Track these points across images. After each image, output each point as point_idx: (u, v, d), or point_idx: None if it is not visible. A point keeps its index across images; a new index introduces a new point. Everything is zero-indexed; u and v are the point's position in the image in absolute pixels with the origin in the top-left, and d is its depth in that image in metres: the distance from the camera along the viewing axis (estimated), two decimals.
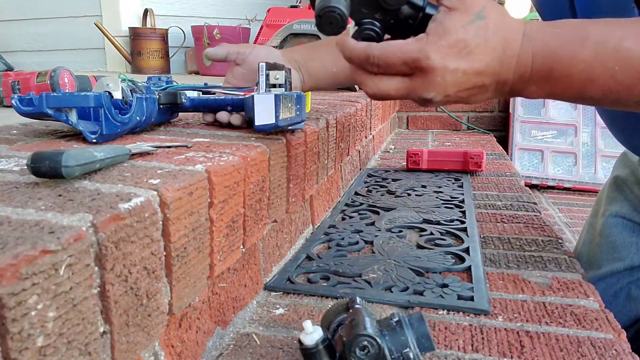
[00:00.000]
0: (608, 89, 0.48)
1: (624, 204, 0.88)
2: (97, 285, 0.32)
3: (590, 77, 0.48)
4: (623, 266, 0.83)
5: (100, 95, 0.55)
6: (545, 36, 0.49)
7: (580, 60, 0.47)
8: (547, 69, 0.49)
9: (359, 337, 0.39)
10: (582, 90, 0.49)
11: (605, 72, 0.47)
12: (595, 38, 0.47)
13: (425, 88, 0.49)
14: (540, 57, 0.49)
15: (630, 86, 0.47)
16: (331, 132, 0.93)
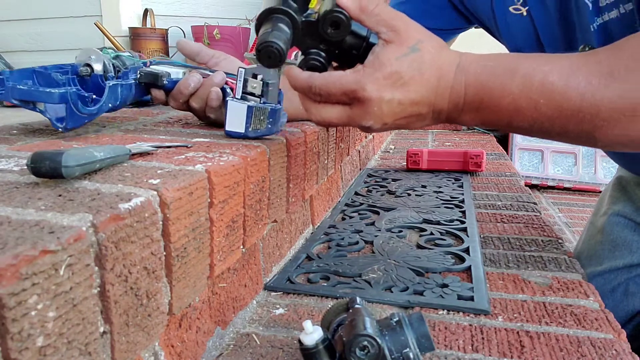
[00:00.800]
0: (533, 120, 0.50)
1: (627, 204, 0.89)
2: (97, 285, 0.32)
3: (517, 108, 0.50)
4: (622, 263, 0.85)
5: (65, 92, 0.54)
6: (477, 69, 0.51)
7: (509, 93, 0.49)
8: (478, 100, 0.51)
9: (359, 337, 0.39)
10: (510, 120, 0.51)
11: (531, 104, 0.49)
12: (523, 72, 0.49)
13: (363, 117, 0.51)
14: (472, 89, 0.51)
15: (553, 118, 0.49)
16: (331, 132, 0.93)
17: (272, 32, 0.50)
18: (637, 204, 0.87)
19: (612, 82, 0.47)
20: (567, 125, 0.49)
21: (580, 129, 0.49)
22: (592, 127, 0.48)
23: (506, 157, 1.61)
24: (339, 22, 0.51)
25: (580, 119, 0.48)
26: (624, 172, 0.93)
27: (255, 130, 0.62)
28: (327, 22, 0.51)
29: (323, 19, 0.51)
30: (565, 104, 0.48)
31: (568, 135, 0.51)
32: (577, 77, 0.48)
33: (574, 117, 0.48)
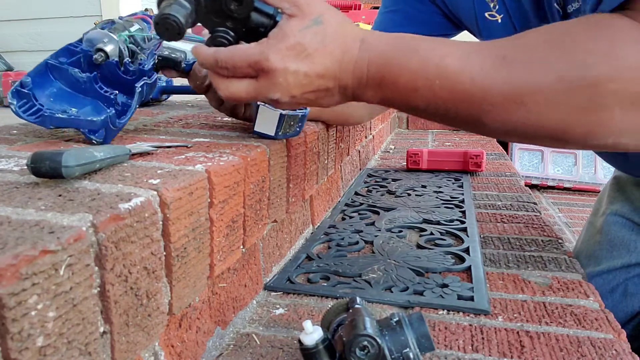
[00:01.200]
0: (428, 100, 0.51)
1: (625, 203, 0.89)
2: (97, 285, 0.32)
3: (414, 87, 0.50)
4: (621, 263, 0.85)
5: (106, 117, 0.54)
6: (380, 46, 0.51)
7: (407, 71, 0.50)
8: (380, 77, 0.51)
9: (359, 337, 0.39)
10: (408, 99, 0.52)
11: (427, 85, 0.49)
12: (422, 52, 0.50)
13: (270, 89, 0.51)
14: (375, 65, 0.51)
15: (446, 100, 0.50)
16: (331, 132, 0.93)
17: (171, 6, 0.50)
18: (635, 204, 0.87)
19: (503, 68, 0.47)
20: (458, 108, 0.50)
21: (469, 113, 0.50)
22: (480, 111, 0.49)
23: (506, 157, 1.61)
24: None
25: (470, 102, 0.49)
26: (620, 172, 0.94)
27: (284, 134, 0.65)
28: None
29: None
30: (458, 86, 0.48)
31: (459, 119, 0.52)
32: (471, 61, 0.48)
33: (464, 100, 0.49)
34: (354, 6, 2.71)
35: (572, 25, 0.48)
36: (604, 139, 0.47)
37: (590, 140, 0.47)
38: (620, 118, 0.44)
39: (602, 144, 0.47)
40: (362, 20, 2.41)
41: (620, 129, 0.45)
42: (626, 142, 0.46)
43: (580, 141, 0.48)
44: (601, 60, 0.43)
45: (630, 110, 0.44)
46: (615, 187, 0.93)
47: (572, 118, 0.46)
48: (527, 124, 0.47)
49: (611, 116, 0.44)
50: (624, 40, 0.44)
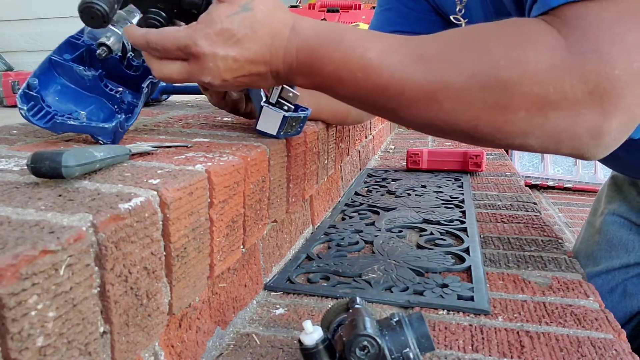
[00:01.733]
0: (353, 91, 0.52)
1: (622, 203, 0.89)
2: (97, 285, 0.32)
3: (339, 77, 0.51)
4: (619, 263, 0.85)
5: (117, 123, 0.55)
6: (309, 33, 0.52)
7: (331, 61, 0.51)
8: (308, 64, 0.52)
9: (359, 337, 0.39)
10: (335, 89, 0.53)
11: (350, 76, 0.51)
12: (347, 44, 0.51)
13: (201, 72, 0.51)
14: (303, 52, 0.52)
15: (368, 92, 0.51)
16: (331, 132, 0.93)
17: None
18: (632, 203, 0.87)
19: (420, 64, 0.48)
20: (378, 100, 0.51)
21: (388, 106, 0.51)
22: (397, 105, 0.50)
23: (506, 157, 1.61)
24: None
25: (388, 96, 0.50)
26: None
27: (286, 133, 0.66)
28: None
29: None
30: (378, 80, 0.49)
31: (380, 111, 0.53)
32: (392, 56, 0.49)
33: (384, 93, 0.50)
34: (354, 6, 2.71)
35: (492, 28, 0.48)
36: (511, 139, 0.48)
37: (499, 139, 0.48)
38: (527, 120, 0.46)
39: (509, 143, 0.48)
40: (362, 20, 2.41)
41: (526, 131, 0.46)
42: (532, 143, 0.47)
43: (489, 140, 0.49)
44: (513, 64, 0.44)
45: (536, 114, 0.45)
46: (613, 187, 0.93)
47: (482, 117, 0.47)
48: (440, 120, 0.49)
49: (518, 118, 0.46)
50: (538, 46, 0.44)
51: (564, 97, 0.44)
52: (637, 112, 0.45)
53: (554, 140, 0.47)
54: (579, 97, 0.43)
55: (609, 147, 0.47)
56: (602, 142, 0.46)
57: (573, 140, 0.46)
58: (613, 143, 0.46)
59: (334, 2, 2.70)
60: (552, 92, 0.44)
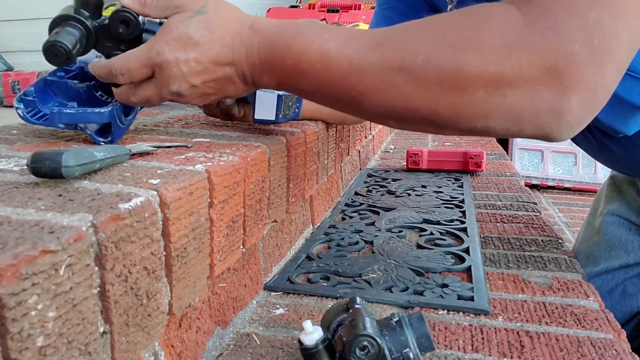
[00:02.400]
0: (314, 84, 0.52)
1: (621, 203, 0.89)
2: (97, 285, 0.32)
3: (300, 70, 0.51)
4: (618, 264, 0.85)
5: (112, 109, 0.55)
6: (268, 29, 0.53)
7: (292, 54, 0.51)
8: (270, 60, 0.52)
9: (359, 337, 0.39)
10: (297, 83, 0.53)
11: (310, 68, 0.51)
12: (306, 37, 0.51)
13: (169, 81, 0.52)
14: (264, 48, 0.52)
15: (329, 83, 0.51)
16: (331, 132, 0.93)
17: (58, 34, 0.52)
18: (631, 203, 0.87)
19: (377, 50, 0.48)
20: (339, 91, 0.51)
21: (350, 95, 0.51)
22: (358, 94, 0.50)
23: (506, 157, 1.61)
24: (127, 20, 0.55)
25: (349, 85, 0.50)
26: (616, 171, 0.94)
27: (284, 116, 0.65)
28: (117, 22, 0.55)
29: (112, 20, 0.55)
30: (337, 70, 0.50)
31: (343, 103, 0.53)
32: (350, 45, 0.49)
33: (344, 83, 0.50)
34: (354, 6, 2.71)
35: (452, 15, 0.49)
36: (472, 122, 0.47)
37: (460, 123, 0.48)
38: (485, 101, 0.45)
39: (472, 127, 0.48)
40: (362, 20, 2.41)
41: (486, 113, 0.46)
42: (493, 125, 0.47)
43: (451, 124, 0.48)
44: (467, 44, 0.44)
45: (494, 93, 0.44)
46: (612, 187, 0.93)
47: (441, 100, 0.46)
48: (400, 105, 0.49)
49: (476, 99, 0.45)
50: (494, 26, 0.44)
51: (521, 75, 0.43)
52: (599, 90, 0.44)
53: (514, 121, 0.46)
54: (536, 75, 0.43)
55: (572, 126, 0.46)
56: (564, 122, 0.45)
57: (533, 119, 0.45)
58: (576, 122, 0.46)
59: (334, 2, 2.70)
60: (509, 70, 0.43)
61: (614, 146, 0.70)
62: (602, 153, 0.74)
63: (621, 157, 0.71)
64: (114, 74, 0.52)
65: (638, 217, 0.86)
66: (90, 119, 0.55)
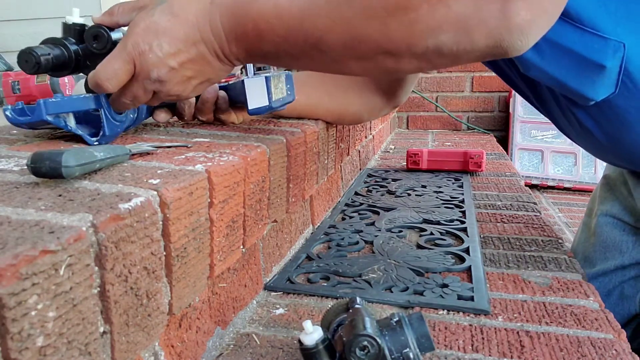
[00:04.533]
0: (276, 43, 0.53)
1: (615, 203, 0.88)
2: (97, 285, 0.32)
3: (260, 32, 0.53)
4: (614, 265, 0.84)
5: (98, 95, 0.55)
6: (226, 1, 0.54)
7: (250, 19, 0.53)
8: (233, 29, 0.54)
9: (359, 337, 0.39)
10: (261, 46, 0.54)
11: (269, 27, 0.52)
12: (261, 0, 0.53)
13: (148, 70, 0.53)
14: (226, 19, 0.54)
15: (288, 38, 0.52)
16: (331, 132, 0.93)
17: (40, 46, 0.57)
18: (625, 203, 0.87)
19: None
20: (298, 42, 0.52)
21: (309, 44, 0.52)
22: (316, 40, 0.51)
23: (506, 157, 1.61)
24: (98, 35, 0.58)
25: (305, 32, 0.51)
26: (610, 170, 0.93)
27: (277, 100, 0.65)
28: (90, 38, 0.59)
29: (86, 37, 0.59)
30: (291, 20, 0.51)
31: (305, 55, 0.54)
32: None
33: (300, 32, 0.51)
34: None
35: None
36: (424, 41, 0.48)
37: (413, 45, 0.48)
38: (431, 14, 0.46)
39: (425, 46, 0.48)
40: None
41: (434, 26, 0.46)
42: (445, 41, 0.47)
43: (405, 49, 0.49)
44: None
45: (437, 4, 0.45)
46: (605, 187, 0.93)
47: (389, 22, 0.47)
48: (355, 39, 0.50)
49: (421, 14, 0.46)
50: None
51: None
52: None
53: (464, 31, 0.46)
54: None
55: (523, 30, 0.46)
56: (514, 25, 0.45)
57: (481, 26, 0.46)
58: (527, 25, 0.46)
59: None
60: None
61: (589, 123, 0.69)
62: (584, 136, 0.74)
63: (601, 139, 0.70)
64: (100, 83, 0.54)
65: (631, 217, 0.85)
66: (77, 105, 0.55)
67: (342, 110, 0.92)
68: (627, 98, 0.62)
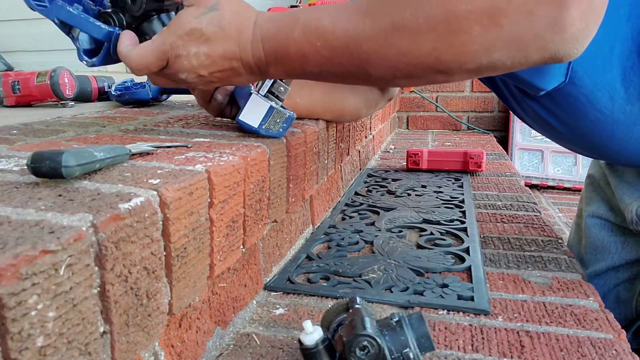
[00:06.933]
0: (319, 63, 0.54)
1: (600, 204, 0.88)
2: (97, 285, 0.32)
3: (303, 54, 0.54)
4: (605, 266, 0.84)
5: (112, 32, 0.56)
6: (268, 23, 0.55)
7: (293, 41, 0.54)
8: (273, 52, 0.55)
9: (359, 337, 0.39)
10: (303, 67, 0.55)
11: (312, 49, 0.53)
12: (302, 21, 0.53)
13: (178, 71, 0.55)
14: (267, 42, 0.55)
15: (332, 58, 0.53)
16: (331, 132, 0.93)
17: None
18: (610, 203, 0.86)
19: (367, 17, 0.50)
20: (343, 63, 0.53)
21: (355, 65, 0.52)
22: (361, 61, 0.52)
23: (506, 157, 1.61)
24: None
25: (350, 54, 0.52)
26: (593, 170, 0.93)
27: (267, 130, 0.65)
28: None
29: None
30: (336, 42, 0.52)
31: (351, 75, 0.55)
32: (341, 17, 0.51)
33: (345, 53, 0.52)
34: None
35: None
36: (477, 59, 0.48)
37: (465, 63, 0.48)
38: (483, 35, 0.46)
39: (478, 64, 0.48)
40: None
41: (487, 47, 0.47)
42: (499, 58, 0.47)
43: (456, 67, 0.49)
44: None
45: (489, 26, 0.45)
46: (590, 188, 0.92)
47: (439, 46, 0.47)
48: (403, 62, 0.50)
49: (474, 36, 0.46)
50: None
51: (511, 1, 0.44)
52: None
53: (518, 48, 0.46)
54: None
55: (578, 39, 0.46)
56: (569, 35, 0.45)
57: (536, 41, 0.46)
58: (582, 33, 0.46)
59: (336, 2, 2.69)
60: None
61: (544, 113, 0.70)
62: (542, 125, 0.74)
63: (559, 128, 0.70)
64: (131, 68, 0.55)
65: (617, 217, 0.85)
66: (88, 27, 0.56)
67: (341, 107, 0.92)
68: (578, 86, 0.62)
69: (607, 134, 0.65)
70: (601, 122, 0.64)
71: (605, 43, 0.59)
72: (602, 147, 0.69)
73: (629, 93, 0.61)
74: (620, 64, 0.60)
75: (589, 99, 0.63)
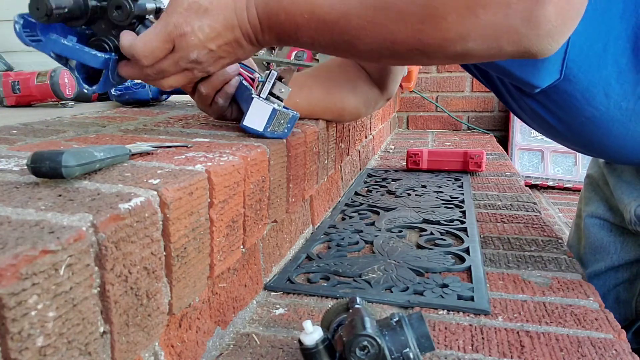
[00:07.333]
0: (310, 35, 0.55)
1: (600, 204, 0.88)
2: (97, 285, 0.32)
3: (295, 23, 0.55)
4: (605, 266, 0.84)
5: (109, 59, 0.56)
6: None
7: (283, 9, 0.55)
8: (267, 18, 0.56)
9: (359, 337, 0.39)
10: (296, 36, 0.56)
11: (303, 20, 0.54)
12: None
13: (188, 51, 0.55)
14: (261, 8, 0.56)
15: (322, 31, 0.54)
16: (331, 132, 0.93)
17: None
18: (609, 203, 0.86)
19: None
20: (333, 37, 0.54)
21: (344, 39, 0.53)
22: (350, 37, 0.53)
23: (506, 157, 1.61)
24: (120, 5, 0.57)
25: (340, 30, 0.53)
26: (592, 169, 0.93)
27: (272, 132, 0.65)
28: (112, 6, 0.58)
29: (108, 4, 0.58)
30: (326, 16, 0.53)
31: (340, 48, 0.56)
32: None
33: (335, 28, 0.53)
34: None
35: None
36: (453, 46, 0.49)
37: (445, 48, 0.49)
38: (460, 23, 0.47)
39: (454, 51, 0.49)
40: None
41: (463, 34, 0.47)
42: (473, 47, 0.48)
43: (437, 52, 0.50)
44: None
45: (466, 14, 0.46)
46: (589, 188, 0.92)
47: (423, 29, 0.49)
48: (389, 40, 0.51)
49: (450, 22, 0.47)
50: None
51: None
52: None
53: (492, 39, 0.47)
54: None
55: (553, 36, 0.46)
56: (543, 31, 0.45)
57: (510, 34, 0.46)
58: (557, 31, 0.46)
59: None
60: None
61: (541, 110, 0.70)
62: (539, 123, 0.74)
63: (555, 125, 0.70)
64: (137, 57, 0.55)
65: (616, 216, 0.85)
66: (84, 58, 0.55)
67: (341, 107, 0.92)
68: (573, 83, 0.62)
69: (604, 131, 0.66)
70: (597, 119, 0.64)
71: (599, 40, 0.59)
72: (599, 144, 0.69)
73: (624, 90, 0.61)
74: (615, 61, 0.60)
75: (585, 96, 0.63)
